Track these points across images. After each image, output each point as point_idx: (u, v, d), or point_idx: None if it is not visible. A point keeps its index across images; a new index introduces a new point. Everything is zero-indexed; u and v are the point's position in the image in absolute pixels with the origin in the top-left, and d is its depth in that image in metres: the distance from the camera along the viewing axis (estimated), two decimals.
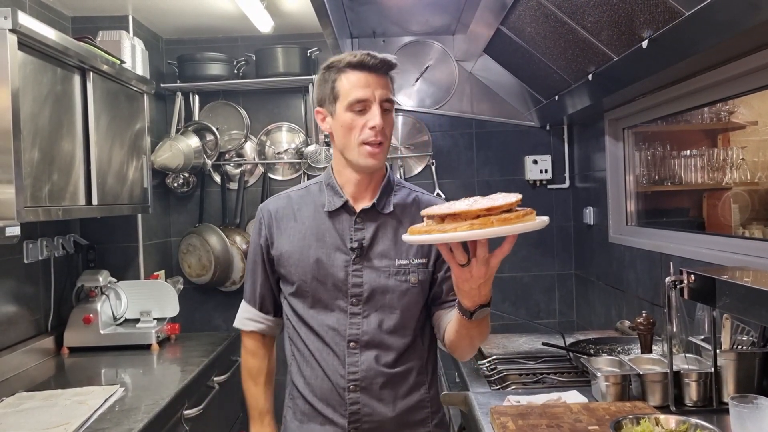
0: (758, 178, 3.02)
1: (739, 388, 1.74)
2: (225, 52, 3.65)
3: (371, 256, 1.58)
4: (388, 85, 1.56)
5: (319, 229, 1.61)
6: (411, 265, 1.59)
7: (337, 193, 1.61)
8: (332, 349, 1.57)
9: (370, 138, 1.51)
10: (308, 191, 1.68)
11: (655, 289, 2.65)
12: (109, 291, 3.04)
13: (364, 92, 1.51)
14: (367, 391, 1.56)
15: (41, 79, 2.25)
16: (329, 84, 1.56)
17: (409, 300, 1.59)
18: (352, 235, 1.59)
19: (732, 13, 1.54)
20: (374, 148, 1.52)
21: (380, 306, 1.57)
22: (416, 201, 1.65)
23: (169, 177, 3.66)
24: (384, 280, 1.57)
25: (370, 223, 1.60)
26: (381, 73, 1.54)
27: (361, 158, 1.54)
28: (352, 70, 1.53)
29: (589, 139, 3.49)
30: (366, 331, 1.57)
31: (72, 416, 1.98)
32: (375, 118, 1.50)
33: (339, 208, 1.61)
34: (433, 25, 3.58)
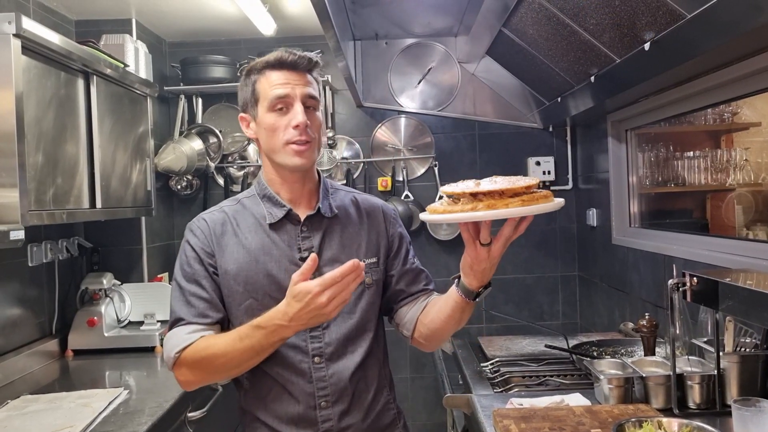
0: (762, 179, 3.01)
1: (743, 391, 1.74)
2: (228, 54, 3.66)
3: (322, 263, 1.50)
4: (310, 83, 1.50)
5: (264, 243, 1.52)
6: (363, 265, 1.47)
7: (277, 203, 1.54)
8: (296, 368, 1.48)
9: (295, 137, 1.46)
10: (242, 205, 1.58)
11: (658, 290, 2.65)
12: (113, 293, 3.05)
13: (284, 89, 1.46)
14: (338, 404, 1.49)
15: (45, 83, 2.26)
16: (250, 87, 1.52)
17: (366, 301, 1.55)
18: (300, 244, 1.52)
19: (734, 16, 1.54)
20: (300, 146, 1.47)
21: (339, 314, 1.44)
22: (356, 201, 1.64)
23: (173, 179, 3.67)
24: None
25: (315, 230, 1.54)
26: (301, 70, 1.49)
27: (288, 158, 1.48)
28: (270, 69, 1.49)
29: (592, 140, 3.49)
30: (329, 342, 1.50)
31: (76, 419, 1.99)
32: (297, 116, 1.45)
33: (282, 218, 1.53)
34: (435, 27, 3.58)
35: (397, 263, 1.61)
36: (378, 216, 1.63)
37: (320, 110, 1.54)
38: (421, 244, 3.77)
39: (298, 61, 1.48)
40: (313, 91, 1.49)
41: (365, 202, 1.65)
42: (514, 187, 1.22)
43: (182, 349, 1.43)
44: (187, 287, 1.50)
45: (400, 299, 1.61)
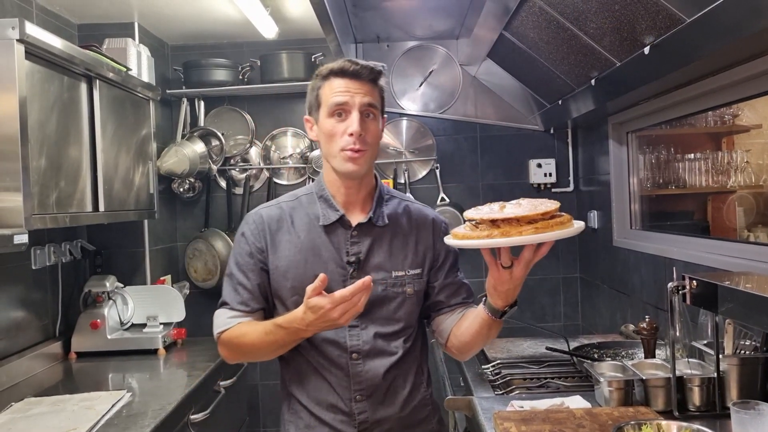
0: (763, 181, 3.02)
1: (742, 394, 1.74)
2: (230, 57, 3.68)
3: (368, 270, 1.57)
4: (371, 92, 1.55)
5: (314, 243, 1.59)
6: (407, 276, 1.61)
7: (332, 206, 1.61)
8: (335, 362, 1.57)
9: (349, 145, 1.51)
10: (299, 202, 1.66)
11: (659, 293, 2.65)
12: (115, 296, 3.06)
13: (343, 97, 1.51)
14: (373, 398, 1.57)
15: (48, 87, 2.27)
16: (314, 92, 1.58)
17: (405, 310, 1.61)
18: (349, 249, 1.59)
19: (733, 20, 1.55)
20: (354, 154, 1.52)
21: (378, 317, 1.58)
22: (408, 211, 1.67)
23: (175, 182, 3.68)
24: (381, 293, 1.58)
25: (365, 236, 1.60)
26: (363, 79, 1.54)
27: (341, 164, 1.54)
28: (334, 76, 1.54)
29: (593, 142, 3.49)
30: (366, 341, 1.58)
31: (80, 421, 2.00)
32: (353, 124, 1.50)
33: (335, 221, 1.60)
34: (436, 29, 3.59)
35: (441, 275, 1.66)
36: (428, 228, 1.67)
37: (379, 120, 1.58)
38: None
39: (360, 71, 1.54)
40: (372, 101, 1.54)
41: (417, 212, 1.69)
42: (530, 214, 1.27)
43: (222, 331, 1.58)
44: (236, 275, 1.61)
45: (439, 309, 1.67)
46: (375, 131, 1.56)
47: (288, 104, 3.82)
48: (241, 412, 3.35)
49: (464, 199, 3.79)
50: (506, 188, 3.81)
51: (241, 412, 3.33)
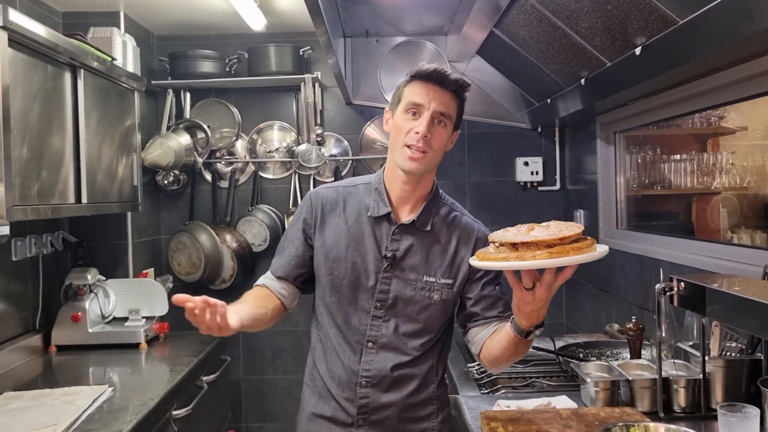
0: (747, 183, 3.04)
1: (727, 395, 1.76)
2: (217, 49, 3.63)
3: (402, 267, 1.65)
4: (449, 102, 1.61)
5: (359, 231, 1.67)
6: (437, 283, 1.66)
7: (384, 200, 1.67)
8: (351, 345, 1.66)
9: (413, 142, 1.57)
10: (356, 189, 1.73)
11: (644, 293, 2.66)
12: (97, 289, 3.02)
13: (421, 99, 1.58)
14: (377, 387, 1.65)
15: (32, 76, 2.22)
16: (400, 89, 1.65)
17: (429, 315, 1.66)
18: (388, 244, 1.66)
19: (726, 23, 1.55)
20: (415, 153, 1.58)
21: (401, 314, 1.65)
22: (456, 221, 1.71)
23: (159, 174, 3.63)
24: (409, 292, 1.65)
25: (407, 236, 1.66)
26: (446, 88, 1.61)
27: (401, 159, 1.60)
28: (420, 79, 1.61)
29: (580, 142, 3.50)
30: (384, 333, 1.65)
31: (60, 416, 1.97)
32: (422, 124, 1.57)
33: (382, 216, 1.66)
34: (426, 25, 3.57)
35: (476, 287, 1.69)
36: (470, 241, 1.70)
37: (450, 130, 1.64)
38: None
39: (444, 79, 1.60)
40: (446, 110, 1.60)
41: (464, 224, 1.72)
42: (548, 239, 1.31)
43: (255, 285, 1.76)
44: (282, 242, 1.78)
45: (474, 320, 1.70)
46: (442, 138, 1.62)
47: (275, 98, 3.79)
48: (224, 408, 3.32)
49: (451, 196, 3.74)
50: (493, 186, 3.81)
51: (223, 407, 3.30)
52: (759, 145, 3.11)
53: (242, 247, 3.65)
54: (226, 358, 3.24)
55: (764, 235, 2.89)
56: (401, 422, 1.66)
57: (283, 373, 3.81)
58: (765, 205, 3.10)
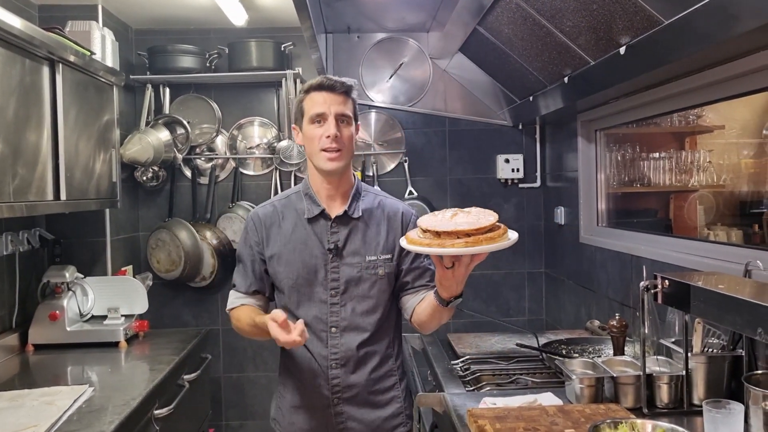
0: (723, 180, 3.09)
1: (709, 391, 1.78)
2: (196, 44, 3.58)
3: (345, 255, 1.88)
4: (344, 102, 1.84)
5: (301, 234, 1.90)
6: (379, 260, 1.90)
7: (315, 201, 1.90)
8: (317, 335, 1.88)
9: (327, 145, 1.80)
10: (289, 200, 1.96)
11: (625, 290, 2.69)
12: (75, 287, 2.97)
13: (321, 107, 1.82)
14: (345, 367, 1.88)
15: (9, 70, 2.17)
16: (299, 104, 1.89)
17: (378, 289, 1.90)
18: (329, 237, 1.88)
19: (711, 24, 1.57)
20: (332, 153, 1.81)
21: (354, 296, 1.88)
22: (381, 205, 1.96)
23: (138, 170, 3.59)
24: (356, 274, 1.88)
25: (343, 226, 1.90)
26: (338, 92, 1.83)
27: (322, 162, 1.83)
28: (314, 91, 1.85)
29: (561, 139, 3.52)
30: (344, 317, 1.88)
31: (40, 418, 1.94)
32: (330, 128, 1.80)
33: (317, 215, 1.89)
34: (408, 22, 3.57)
35: (407, 260, 1.93)
36: (398, 219, 1.95)
37: (353, 126, 1.87)
38: None
39: (335, 85, 1.83)
40: (345, 110, 1.84)
41: (390, 205, 1.97)
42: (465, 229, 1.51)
43: (230, 309, 1.97)
44: (243, 263, 1.96)
45: (406, 289, 1.95)
46: (349, 135, 1.85)
47: (256, 93, 3.75)
48: (205, 406, 3.30)
49: (432, 193, 3.80)
50: (474, 183, 3.82)
51: (204, 405, 3.28)
52: (735, 144, 3.16)
53: (222, 244, 3.62)
54: (206, 356, 3.21)
55: (740, 232, 2.94)
56: (370, 394, 1.91)
57: (264, 370, 3.79)
58: (740, 203, 3.15)
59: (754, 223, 2.87)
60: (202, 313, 3.76)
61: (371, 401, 1.91)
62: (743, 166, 3.15)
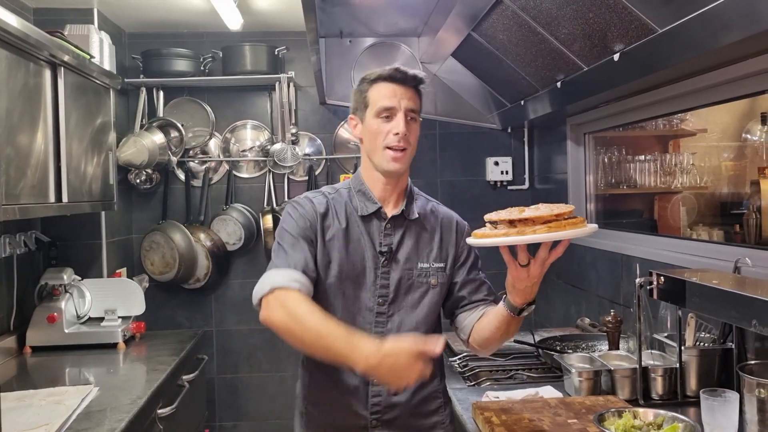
0: (704, 182, 3.20)
1: (701, 382, 1.87)
2: (189, 47, 3.61)
3: (398, 259, 1.70)
4: (414, 98, 1.68)
5: (353, 232, 1.70)
6: (431, 268, 1.72)
7: (370, 198, 1.72)
8: None
9: (394, 143, 1.64)
10: (339, 194, 1.76)
11: (615, 288, 2.78)
12: (72, 289, 2.98)
13: (391, 101, 1.65)
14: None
15: (15, 74, 2.19)
16: (362, 94, 1.70)
17: (428, 300, 1.71)
18: (382, 239, 1.70)
19: (704, 33, 1.65)
20: (397, 153, 1.65)
21: (403, 305, 1.69)
22: (434, 211, 1.80)
23: (132, 173, 3.60)
24: (407, 282, 1.70)
25: (397, 228, 1.72)
26: (408, 85, 1.67)
27: (384, 162, 1.66)
28: (382, 81, 1.67)
29: (549, 142, 3.61)
30: (390, 329, 1.67)
31: (51, 416, 1.96)
32: (399, 125, 1.63)
33: (371, 213, 1.71)
34: (400, 27, 3.63)
35: (462, 272, 1.77)
36: (452, 228, 1.79)
37: (419, 123, 1.71)
38: None
39: (407, 78, 1.67)
40: (415, 106, 1.68)
41: (443, 213, 1.82)
42: (545, 215, 1.39)
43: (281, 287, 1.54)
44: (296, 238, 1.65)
45: (461, 305, 1.77)
46: (416, 132, 1.70)
47: (249, 97, 3.79)
48: (202, 407, 3.32)
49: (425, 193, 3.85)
50: (464, 185, 3.89)
51: (201, 406, 3.31)
52: (716, 147, 3.28)
53: (217, 246, 3.65)
54: (203, 357, 3.24)
55: (720, 232, 3.04)
56: (413, 417, 1.70)
57: (258, 371, 3.82)
58: (721, 204, 3.26)
59: (734, 223, 2.97)
60: (195, 315, 3.78)
61: (413, 425, 1.71)
62: (724, 169, 3.26)
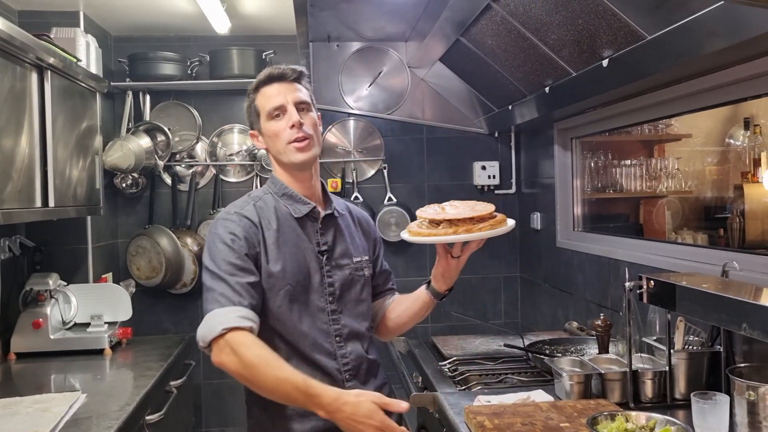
0: (688, 186, 3.24)
1: (690, 385, 1.88)
2: (176, 51, 3.59)
3: (337, 256, 1.75)
4: (299, 89, 1.71)
5: (291, 236, 1.70)
6: (363, 261, 1.81)
7: (300, 200, 1.73)
8: (324, 348, 1.68)
9: (294, 136, 1.66)
10: (264, 202, 1.72)
11: (602, 291, 2.80)
12: (57, 294, 2.95)
13: (277, 99, 1.68)
14: (357, 377, 1.72)
15: (2, 77, 2.17)
16: (251, 106, 1.75)
17: (366, 292, 1.81)
18: (319, 239, 1.74)
19: (692, 40, 1.67)
20: (300, 143, 1.67)
21: (349, 300, 1.76)
22: (348, 207, 1.90)
23: (118, 177, 3.58)
24: (348, 277, 1.76)
25: (329, 227, 1.77)
26: (289, 80, 1.71)
27: (292, 155, 1.68)
28: (263, 86, 1.72)
29: (536, 147, 3.63)
30: (345, 324, 1.73)
31: (38, 424, 1.93)
32: (292, 116, 1.66)
33: (305, 214, 1.72)
34: (387, 31, 3.64)
35: (378, 264, 1.91)
36: (367, 222, 1.93)
37: (314, 111, 1.74)
38: None
39: (285, 72, 1.71)
40: (303, 97, 1.71)
41: (354, 209, 1.93)
42: (482, 214, 1.62)
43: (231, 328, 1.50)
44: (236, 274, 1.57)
45: (376, 293, 1.90)
46: (312, 121, 1.71)
47: (236, 101, 3.78)
48: (188, 413, 3.30)
49: (411, 199, 3.86)
50: (451, 189, 3.90)
51: (188, 412, 3.28)
52: (700, 151, 3.32)
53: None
54: (190, 363, 3.21)
55: (705, 236, 3.08)
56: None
57: None
58: (705, 208, 3.31)
59: (718, 227, 3.01)
60: (182, 320, 3.76)
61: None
62: (708, 173, 3.31)
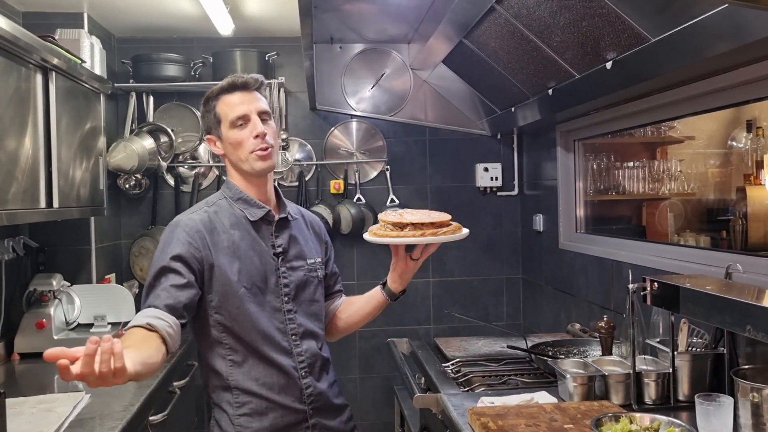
0: (691, 189, 3.24)
1: (693, 387, 1.88)
2: (179, 52, 3.60)
3: (291, 258, 1.82)
4: (260, 99, 1.78)
5: (246, 239, 1.76)
6: (316, 263, 1.88)
7: (255, 204, 1.79)
8: (281, 346, 1.76)
9: (258, 145, 1.72)
10: (219, 206, 1.79)
11: (605, 293, 2.80)
12: (61, 295, 2.95)
13: (241, 109, 1.72)
14: (312, 374, 1.80)
15: (6, 78, 2.18)
16: (211, 112, 1.78)
17: (319, 293, 1.89)
18: (274, 241, 1.80)
19: (695, 42, 1.68)
20: (263, 152, 1.73)
21: (303, 300, 1.83)
22: (300, 211, 1.97)
23: (121, 178, 3.58)
24: (303, 278, 1.83)
25: (284, 229, 1.83)
26: (251, 89, 1.76)
27: (255, 164, 1.73)
28: (226, 94, 1.75)
29: (539, 149, 3.63)
30: (300, 323, 1.80)
31: (42, 424, 1.94)
32: (257, 127, 1.72)
33: (261, 218, 1.78)
34: (390, 33, 3.64)
35: (329, 265, 1.98)
36: (319, 225, 2.01)
37: (272, 120, 1.80)
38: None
39: (248, 82, 1.76)
40: (265, 107, 1.78)
41: (306, 213, 2.01)
42: (442, 220, 1.76)
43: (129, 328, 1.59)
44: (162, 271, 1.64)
45: (326, 294, 1.97)
46: (273, 130, 1.78)
47: None
48: (192, 413, 3.30)
49: (413, 200, 3.87)
50: (453, 191, 3.91)
51: (191, 412, 3.28)
52: (702, 154, 3.32)
53: None
54: (193, 363, 3.21)
55: (707, 238, 3.08)
56: (334, 397, 1.87)
57: None
58: (708, 210, 3.31)
59: (721, 229, 3.01)
60: None
61: (334, 407, 1.85)
62: (710, 175, 3.31)
